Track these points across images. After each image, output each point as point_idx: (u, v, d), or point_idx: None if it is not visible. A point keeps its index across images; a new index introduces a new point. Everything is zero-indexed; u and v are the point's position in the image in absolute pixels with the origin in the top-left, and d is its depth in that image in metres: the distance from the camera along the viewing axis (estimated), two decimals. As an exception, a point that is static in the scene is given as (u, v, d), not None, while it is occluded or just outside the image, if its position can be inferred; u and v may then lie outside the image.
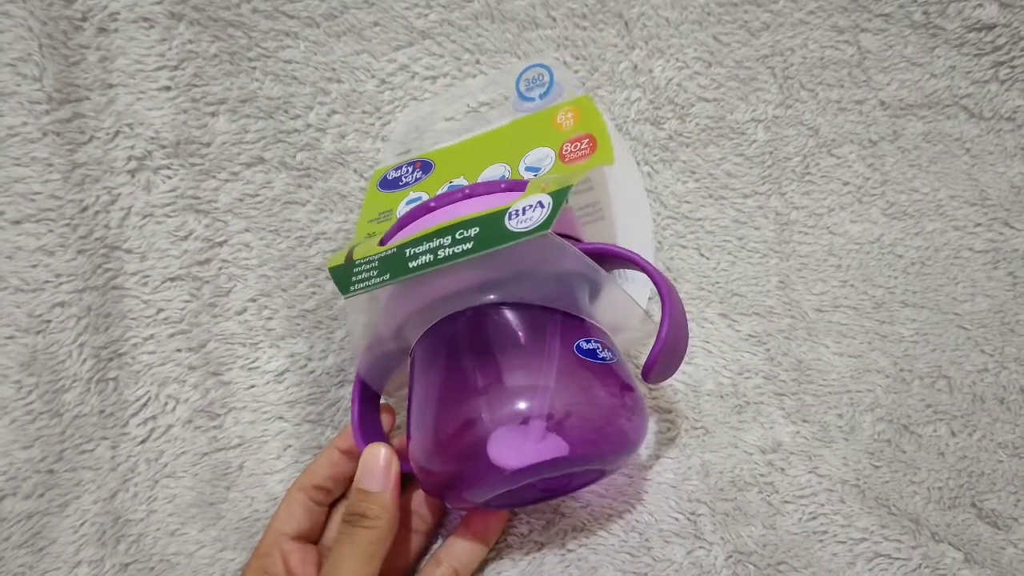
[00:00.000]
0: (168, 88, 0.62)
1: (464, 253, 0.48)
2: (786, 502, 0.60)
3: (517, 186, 0.52)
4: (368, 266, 0.50)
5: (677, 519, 0.59)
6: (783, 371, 0.66)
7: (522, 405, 0.48)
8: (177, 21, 0.62)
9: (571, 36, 0.68)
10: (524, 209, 0.48)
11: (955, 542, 0.57)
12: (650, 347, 0.50)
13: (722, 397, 0.65)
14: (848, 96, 0.71)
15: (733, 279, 0.69)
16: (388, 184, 0.62)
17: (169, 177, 0.62)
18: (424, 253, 0.49)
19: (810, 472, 0.61)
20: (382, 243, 0.52)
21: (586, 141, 0.59)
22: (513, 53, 0.68)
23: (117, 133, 0.61)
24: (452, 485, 0.50)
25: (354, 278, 0.50)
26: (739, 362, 0.66)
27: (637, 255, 0.53)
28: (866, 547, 0.57)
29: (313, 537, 0.56)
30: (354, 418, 0.55)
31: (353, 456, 0.55)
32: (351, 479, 0.56)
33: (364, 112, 0.67)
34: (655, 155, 0.70)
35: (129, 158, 0.61)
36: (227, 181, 0.64)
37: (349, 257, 0.52)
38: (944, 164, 0.71)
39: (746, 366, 0.66)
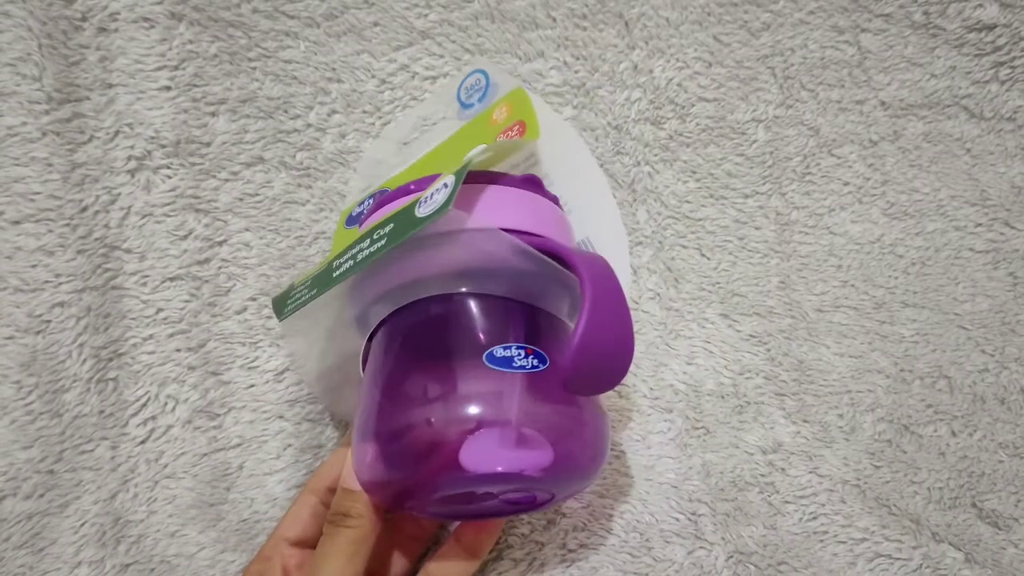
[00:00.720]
0: (168, 88, 0.62)
1: (378, 251, 0.47)
2: (787, 502, 0.60)
3: (414, 188, 0.52)
4: (303, 287, 0.51)
5: (678, 519, 0.59)
6: (784, 371, 0.66)
7: (473, 410, 0.46)
8: (177, 21, 0.62)
9: (571, 36, 0.68)
10: (432, 195, 0.47)
11: (956, 542, 0.57)
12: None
13: (723, 397, 0.65)
14: (849, 96, 0.71)
15: (734, 279, 0.69)
16: (354, 220, 0.62)
17: (169, 177, 0.62)
18: (346, 261, 0.49)
19: (811, 472, 0.61)
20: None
21: (516, 128, 0.58)
22: (513, 53, 0.68)
23: (117, 133, 0.61)
24: (398, 490, 0.49)
25: (288, 301, 0.51)
26: (740, 362, 0.66)
27: (562, 246, 0.50)
28: (867, 547, 0.58)
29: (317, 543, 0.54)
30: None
31: None
32: None
33: (364, 112, 0.67)
34: (656, 155, 0.70)
35: (129, 158, 0.61)
36: (227, 181, 0.64)
37: (290, 286, 0.53)
38: (945, 164, 0.71)
39: (747, 366, 0.66)
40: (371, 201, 0.60)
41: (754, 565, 0.56)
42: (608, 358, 0.48)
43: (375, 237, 0.48)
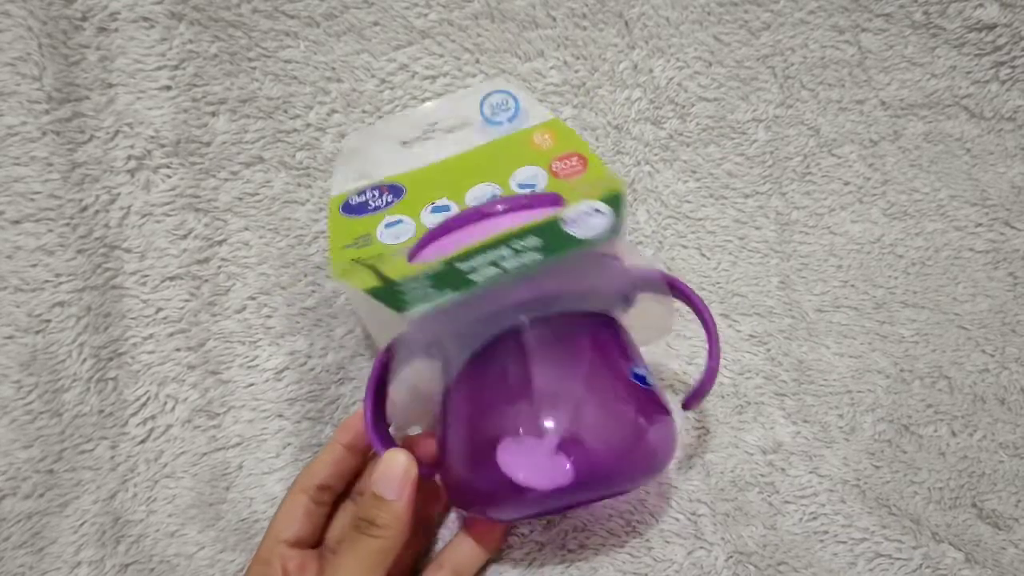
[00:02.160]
0: (168, 88, 0.62)
1: (532, 264, 0.47)
2: (787, 502, 0.60)
3: (537, 201, 0.53)
4: (417, 284, 0.48)
5: (678, 519, 0.59)
6: (784, 371, 0.66)
7: (547, 423, 0.48)
8: (177, 21, 0.62)
9: (571, 36, 0.68)
10: (580, 216, 0.49)
11: (956, 542, 0.57)
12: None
13: (723, 397, 0.65)
14: (849, 96, 0.71)
15: (734, 279, 0.69)
16: (353, 209, 0.59)
17: (169, 176, 0.62)
18: (485, 265, 0.48)
19: (811, 472, 0.61)
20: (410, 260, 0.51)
21: (575, 159, 0.60)
22: (513, 53, 0.68)
23: (117, 132, 0.61)
24: (477, 502, 0.51)
25: (405, 296, 0.48)
26: (740, 362, 0.66)
27: (687, 286, 0.55)
28: (867, 547, 0.57)
29: (313, 541, 0.54)
30: (368, 416, 0.52)
31: (357, 452, 0.55)
32: (355, 474, 0.56)
33: (364, 112, 0.67)
34: (656, 155, 0.70)
35: (129, 157, 0.61)
36: (227, 180, 0.64)
37: (383, 277, 0.50)
38: (945, 164, 0.71)
39: (747, 366, 0.66)
40: (376, 193, 0.59)
41: (754, 565, 0.56)
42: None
43: (517, 248, 0.48)
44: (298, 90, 0.66)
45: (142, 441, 0.60)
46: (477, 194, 0.59)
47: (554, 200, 0.54)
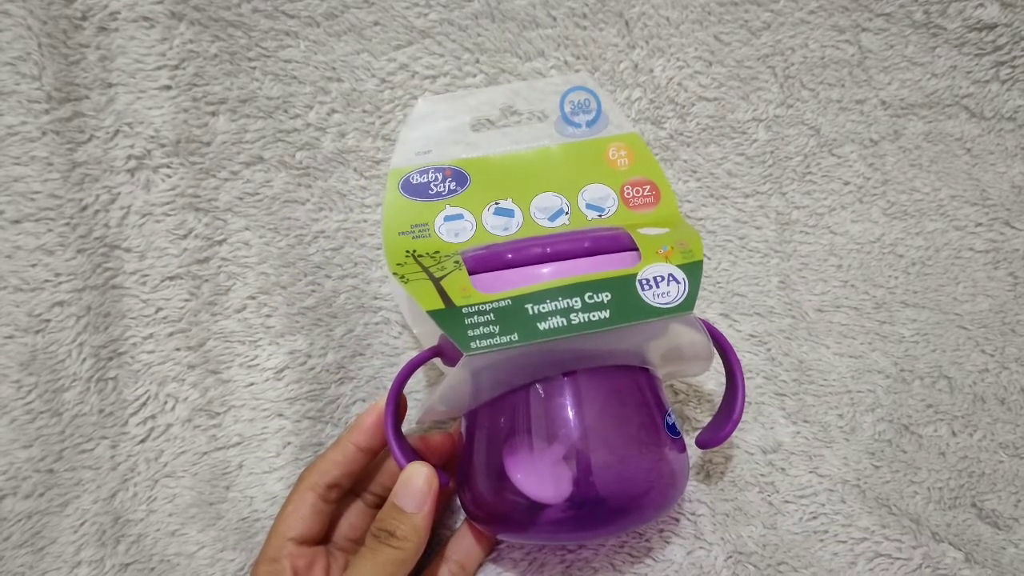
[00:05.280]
0: (169, 87, 0.62)
1: (601, 323, 0.47)
2: (787, 502, 0.60)
3: (603, 244, 0.52)
4: (482, 317, 0.46)
5: (677, 519, 0.59)
6: (784, 371, 0.66)
7: (555, 437, 0.49)
8: (178, 21, 0.62)
9: (571, 35, 0.68)
10: (656, 280, 0.48)
11: (956, 542, 0.57)
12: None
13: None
14: (849, 96, 0.71)
15: (734, 279, 0.69)
16: (414, 190, 0.58)
17: (169, 176, 0.62)
18: (553, 315, 0.46)
19: (811, 472, 0.61)
20: (471, 273, 0.50)
21: (648, 187, 0.59)
22: (513, 52, 0.68)
23: (117, 132, 0.61)
24: (493, 519, 0.52)
25: (470, 331, 0.46)
26: (740, 362, 0.66)
27: (725, 338, 0.56)
28: (867, 547, 0.58)
29: (320, 538, 0.54)
30: (389, 426, 0.52)
31: (370, 454, 0.54)
32: (365, 475, 0.56)
33: (364, 111, 0.67)
34: (656, 154, 0.70)
35: (129, 157, 0.61)
36: (227, 180, 0.64)
37: (445, 298, 0.48)
38: (945, 164, 0.71)
39: (747, 366, 0.66)
40: (439, 176, 0.59)
41: (753, 565, 0.56)
42: None
43: (588, 301, 0.47)
44: (298, 90, 0.66)
45: (142, 440, 0.60)
46: (543, 204, 0.58)
47: (623, 241, 0.52)
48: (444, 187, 0.58)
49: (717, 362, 0.59)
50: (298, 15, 0.65)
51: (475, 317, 0.46)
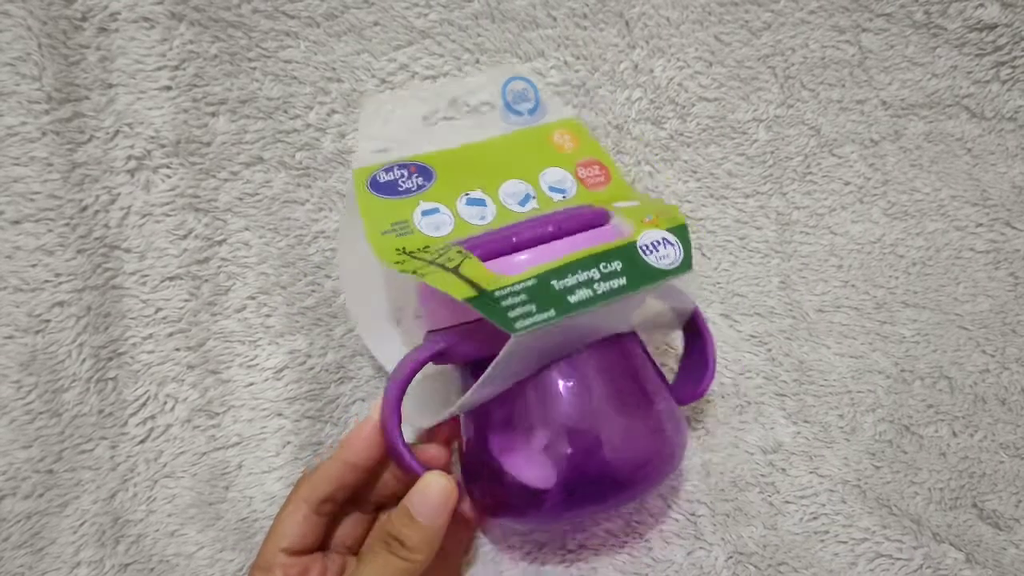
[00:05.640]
0: (169, 88, 0.62)
1: (621, 289, 0.47)
2: (787, 502, 0.60)
3: (599, 218, 0.53)
4: (516, 298, 0.46)
5: (677, 520, 0.59)
6: (784, 371, 0.66)
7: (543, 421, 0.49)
8: (178, 21, 0.62)
9: (571, 36, 0.68)
10: (654, 245, 0.50)
11: (956, 543, 0.57)
12: None
13: (723, 397, 0.65)
14: (849, 96, 0.71)
15: (734, 279, 0.69)
16: (383, 188, 0.58)
17: (169, 176, 0.62)
18: (579, 287, 0.47)
19: (811, 472, 0.61)
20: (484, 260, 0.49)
21: (597, 167, 0.61)
22: (513, 53, 0.68)
23: (117, 133, 0.61)
24: (493, 507, 0.52)
25: (509, 312, 0.45)
26: (740, 362, 0.66)
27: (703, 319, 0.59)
28: (867, 547, 0.58)
29: (315, 547, 0.52)
30: (394, 436, 0.50)
31: (362, 470, 0.52)
32: (361, 488, 0.54)
33: (364, 111, 0.67)
34: (656, 155, 0.70)
35: (129, 157, 0.61)
36: (227, 180, 0.64)
37: (474, 285, 0.46)
38: (945, 164, 0.71)
39: (747, 366, 0.66)
40: (404, 172, 0.58)
41: (754, 566, 0.56)
42: None
43: (604, 270, 0.48)
44: (298, 90, 0.66)
45: (142, 441, 0.60)
46: (510, 190, 0.59)
47: (602, 216, 0.53)
48: (412, 183, 0.58)
49: (720, 360, 0.59)
50: (298, 15, 0.65)
51: (510, 299, 0.45)
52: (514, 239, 0.51)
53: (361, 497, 0.55)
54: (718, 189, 0.70)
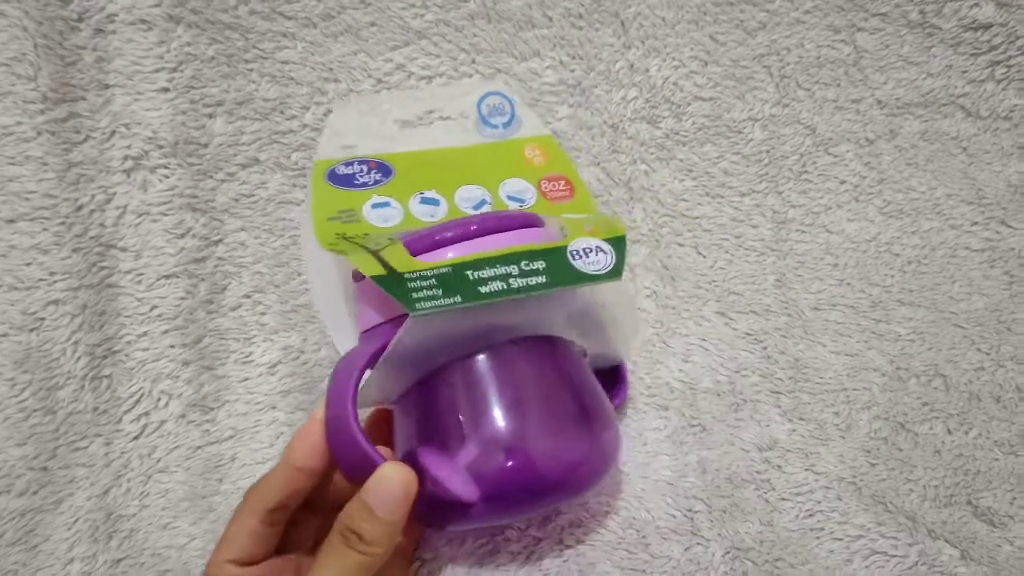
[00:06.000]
0: (166, 90, 0.62)
1: (538, 286, 0.48)
2: (783, 499, 0.60)
3: (529, 221, 0.53)
4: (424, 282, 0.46)
5: (674, 516, 0.59)
6: (780, 369, 0.66)
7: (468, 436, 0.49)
8: (175, 24, 0.62)
9: (567, 36, 0.68)
10: (585, 251, 0.50)
11: (951, 539, 0.57)
12: None
13: (719, 395, 0.65)
14: (845, 95, 0.71)
15: (730, 277, 0.69)
16: (340, 180, 0.58)
17: (167, 176, 0.62)
18: (494, 279, 0.47)
19: (807, 470, 0.61)
20: (412, 254, 0.50)
21: (563, 182, 0.61)
22: (509, 53, 0.68)
23: (113, 133, 0.61)
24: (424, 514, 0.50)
25: (414, 294, 0.46)
26: (736, 360, 0.66)
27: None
28: (863, 544, 0.57)
29: (265, 556, 0.49)
30: (354, 426, 0.48)
31: (310, 474, 0.49)
32: (314, 493, 0.51)
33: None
34: (652, 154, 0.70)
35: (125, 158, 0.61)
36: (223, 181, 0.64)
37: (388, 267, 0.47)
38: (941, 163, 0.71)
39: (743, 364, 0.66)
40: (364, 168, 0.59)
41: (751, 561, 0.56)
42: None
43: (524, 267, 0.48)
44: (295, 91, 0.66)
45: (136, 437, 0.60)
46: (466, 195, 0.59)
47: (532, 220, 0.54)
48: (370, 178, 0.58)
49: (715, 358, 0.59)
50: (295, 17, 0.66)
51: (418, 282, 0.46)
52: (449, 234, 0.51)
53: (315, 502, 0.52)
54: (714, 188, 0.70)
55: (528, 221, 0.53)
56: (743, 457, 0.62)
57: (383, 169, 0.59)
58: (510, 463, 0.49)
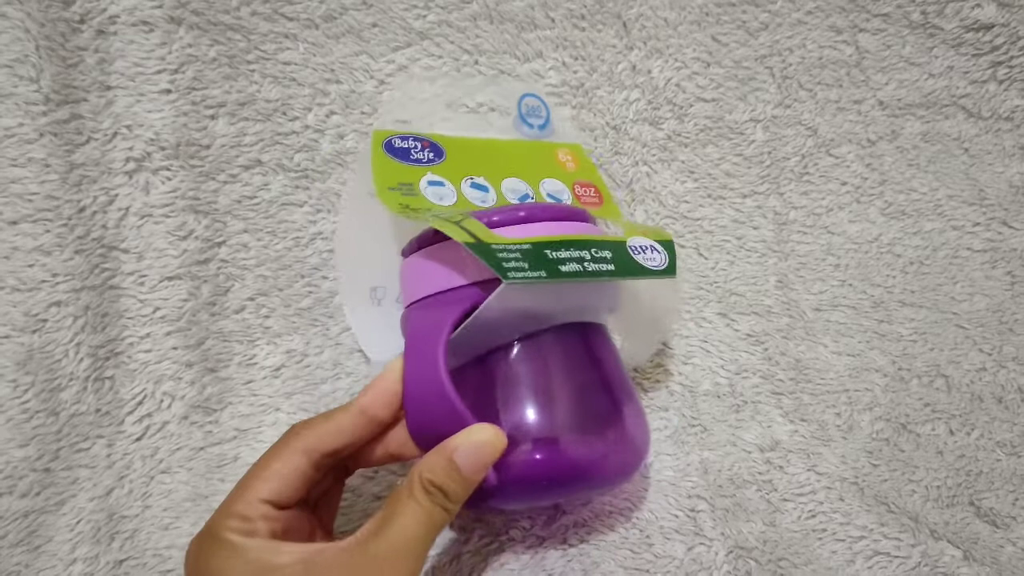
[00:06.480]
0: (168, 91, 0.62)
1: (607, 273, 0.50)
2: (785, 500, 0.60)
3: (584, 216, 0.55)
4: (511, 255, 0.47)
5: (677, 516, 0.59)
6: (781, 370, 0.66)
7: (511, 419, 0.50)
8: (177, 25, 0.62)
9: (569, 37, 0.68)
10: (642, 248, 0.52)
11: (954, 540, 0.57)
12: None
13: (720, 396, 0.65)
14: (846, 96, 0.71)
15: (732, 278, 0.69)
16: (397, 152, 0.59)
17: (169, 178, 0.62)
18: (571, 260, 0.49)
19: (809, 470, 0.61)
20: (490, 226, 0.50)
21: (593, 190, 0.64)
22: (512, 54, 0.68)
23: (115, 135, 0.61)
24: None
25: (504, 264, 0.46)
26: (737, 361, 0.66)
27: None
28: (865, 545, 0.57)
29: (299, 502, 0.47)
30: (443, 378, 0.46)
31: (376, 425, 0.48)
32: (370, 443, 0.50)
33: (363, 113, 0.67)
34: (654, 155, 0.70)
35: (127, 159, 0.61)
36: (226, 183, 0.64)
37: (473, 236, 0.47)
38: (942, 164, 0.71)
39: (744, 365, 0.66)
40: (418, 144, 0.60)
41: (754, 560, 0.56)
42: None
43: (595, 254, 0.50)
44: (297, 92, 0.66)
45: (138, 438, 0.60)
46: (512, 187, 0.61)
47: (587, 215, 0.56)
48: (423, 155, 0.60)
49: (717, 360, 0.59)
50: (297, 17, 0.66)
51: (504, 253, 0.46)
52: (521, 213, 0.52)
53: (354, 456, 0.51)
54: (716, 189, 0.70)
55: (584, 216, 0.55)
56: (745, 458, 0.62)
57: (435, 149, 0.61)
58: (540, 454, 0.49)
